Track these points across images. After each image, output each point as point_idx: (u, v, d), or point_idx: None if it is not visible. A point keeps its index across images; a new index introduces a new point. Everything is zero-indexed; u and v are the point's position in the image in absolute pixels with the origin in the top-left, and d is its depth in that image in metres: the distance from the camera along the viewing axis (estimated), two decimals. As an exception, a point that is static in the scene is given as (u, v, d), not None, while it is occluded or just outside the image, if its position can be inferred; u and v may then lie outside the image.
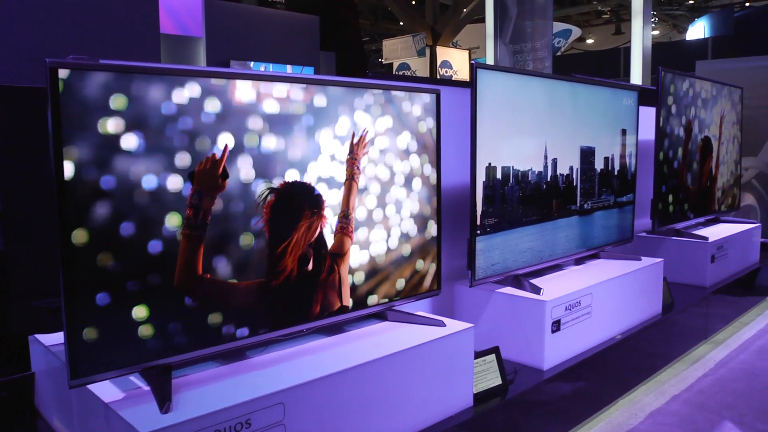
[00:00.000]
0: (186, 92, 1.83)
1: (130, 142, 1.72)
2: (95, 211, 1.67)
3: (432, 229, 2.61)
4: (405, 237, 2.50)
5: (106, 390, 1.83)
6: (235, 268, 1.97)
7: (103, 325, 1.71)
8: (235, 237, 1.96)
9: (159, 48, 6.12)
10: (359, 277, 2.34)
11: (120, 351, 1.75)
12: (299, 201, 2.14)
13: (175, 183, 1.81)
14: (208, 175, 1.89)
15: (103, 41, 5.46)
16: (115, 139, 1.70)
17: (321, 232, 2.20)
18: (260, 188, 2.01)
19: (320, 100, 2.17)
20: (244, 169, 1.97)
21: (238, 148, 1.96)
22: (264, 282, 2.05)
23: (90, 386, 1.83)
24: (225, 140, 1.92)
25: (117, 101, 1.70)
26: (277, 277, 2.08)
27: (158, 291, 1.80)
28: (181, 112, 1.82)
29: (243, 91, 1.96)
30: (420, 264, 2.57)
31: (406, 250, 2.51)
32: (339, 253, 2.26)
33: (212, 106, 1.89)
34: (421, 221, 2.56)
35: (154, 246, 1.78)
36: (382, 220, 2.40)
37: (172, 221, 1.81)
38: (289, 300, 2.13)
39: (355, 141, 2.28)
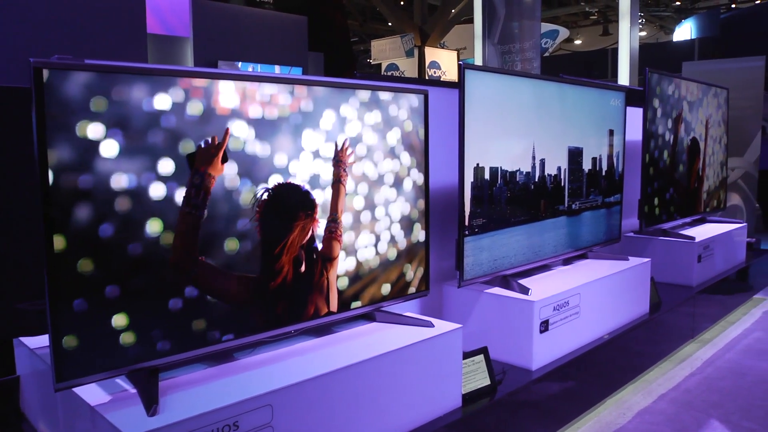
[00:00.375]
0: (173, 92, 1.82)
1: (116, 144, 1.71)
2: (79, 215, 1.66)
3: (420, 230, 2.61)
4: (393, 238, 2.49)
5: (92, 393, 1.81)
6: (230, 262, 1.96)
7: (89, 328, 1.70)
8: (229, 232, 1.95)
9: (146, 48, 6.08)
10: (348, 279, 2.34)
11: (106, 353, 1.74)
12: (293, 202, 2.13)
13: (161, 188, 1.80)
14: (210, 157, 1.90)
15: (89, 41, 5.42)
16: (101, 140, 1.68)
17: (313, 235, 2.19)
18: (253, 188, 2.00)
19: (308, 101, 2.16)
20: (234, 168, 1.96)
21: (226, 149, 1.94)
22: (256, 281, 2.04)
23: (76, 389, 1.81)
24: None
25: (102, 102, 1.68)
26: (273, 277, 2.07)
27: (145, 293, 1.79)
28: (168, 112, 1.81)
29: (231, 92, 1.95)
30: (408, 265, 2.57)
31: (395, 251, 2.50)
32: (328, 256, 2.25)
33: (199, 107, 1.88)
34: (409, 222, 2.56)
35: (140, 249, 1.77)
36: (371, 222, 2.40)
37: (156, 226, 1.80)
38: (277, 301, 2.12)
39: (342, 142, 2.27)
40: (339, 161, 2.26)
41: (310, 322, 2.23)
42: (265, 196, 2.05)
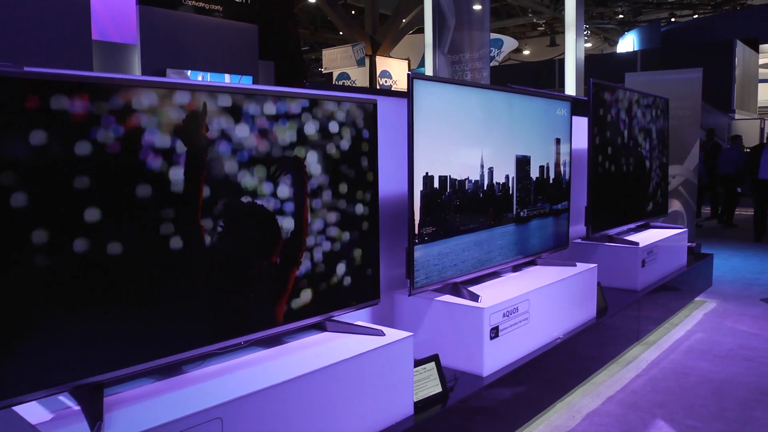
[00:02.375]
0: (118, 101, 1.78)
1: (62, 151, 1.66)
2: (18, 217, 1.61)
3: (370, 238, 2.61)
4: (343, 247, 2.49)
5: (32, 411, 1.76)
6: (209, 243, 1.94)
7: (29, 342, 1.64)
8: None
9: (91, 55, 5.95)
10: (298, 288, 2.32)
11: (47, 369, 1.68)
12: (255, 218, 2.13)
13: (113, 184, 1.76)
14: (197, 124, 1.97)
15: (31, 48, 5.27)
16: (44, 147, 1.63)
17: (270, 247, 2.18)
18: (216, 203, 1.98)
19: (256, 109, 2.15)
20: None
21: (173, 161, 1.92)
22: (207, 284, 2.01)
23: (16, 408, 1.75)
24: (169, 152, 1.88)
25: (41, 110, 1.63)
26: (223, 285, 2.04)
27: (88, 305, 1.74)
28: (112, 121, 1.77)
29: (179, 101, 1.93)
30: (359, 273, 2.57)
31: (345, 259, 2.50)
32: (283, 267, 2.24)
33: (143, 115, 1.84)
34: (359, 231, 2.56)
35: (85, 251, 1.72)
36: (322, 230, 2.39)
37: (99, 228, 1.76)
38: (227, 310, 2.09)
39: (295, 150, 2.26)
40: (299, 167, 2.25)
41: (259, 332, 2.21)
42: (231, 207, 2.05)
